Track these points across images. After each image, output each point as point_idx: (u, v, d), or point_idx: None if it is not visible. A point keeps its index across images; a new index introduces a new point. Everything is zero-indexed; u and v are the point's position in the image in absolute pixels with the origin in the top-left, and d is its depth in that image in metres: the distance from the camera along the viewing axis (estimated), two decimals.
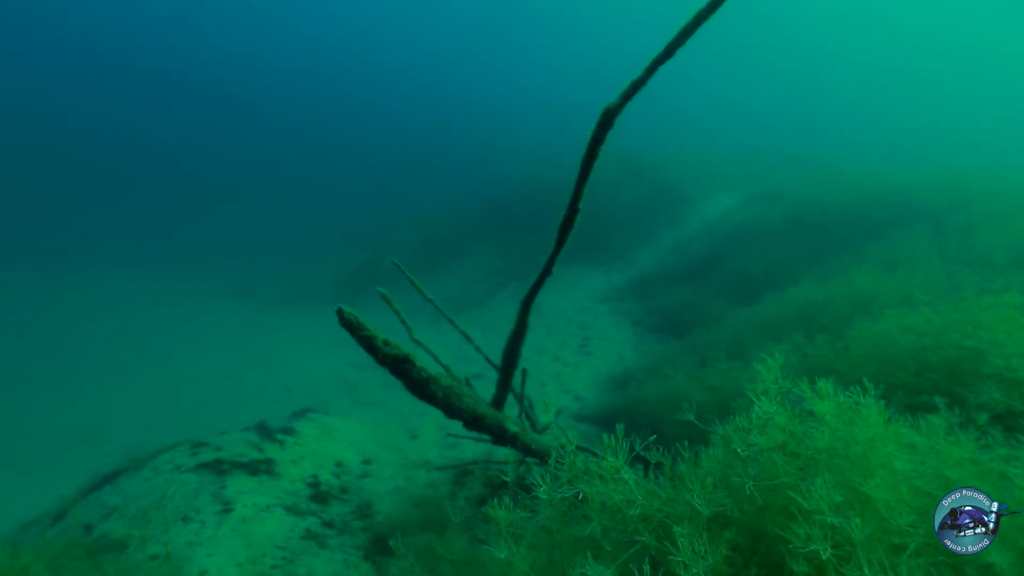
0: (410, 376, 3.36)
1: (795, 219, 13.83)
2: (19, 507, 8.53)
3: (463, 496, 6.44)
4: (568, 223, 2.86)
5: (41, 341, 18.45)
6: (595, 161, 2.55)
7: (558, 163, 24.58)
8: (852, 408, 2.16)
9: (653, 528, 1.93)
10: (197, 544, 4.08)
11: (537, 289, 3.40)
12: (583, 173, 2.62)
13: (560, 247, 3.05)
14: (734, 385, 5.58)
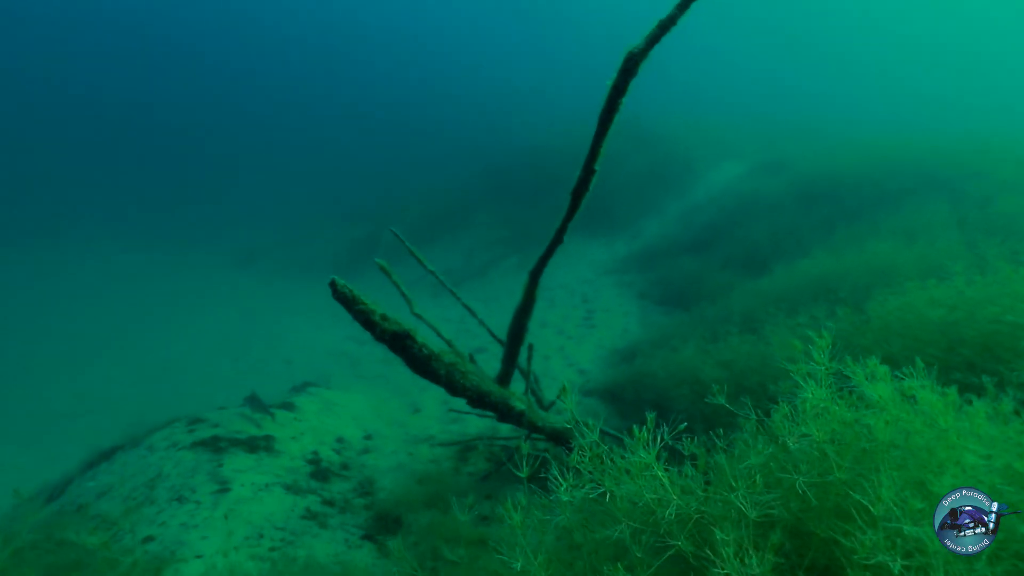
0: (411, 353, 3.14)
1: (804, 188, 13.47)
2: (20, 480, 8.48)
3: (467, 472, 6.31)
4: (583, 186, 2.60)
5: (41, 314, 18.31)
6: (616, 115, 2.27)
7: (562, 131, 24.06)
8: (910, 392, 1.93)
9: (689, 531, 1.73)
10: (192, 527, 3.93)
11: (547, 259, 3.16)
12: (601, 129, 2.34)
13: (573, 212, 2.79)
14: (747, 360, 5.38)
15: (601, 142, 2.44)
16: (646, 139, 22.29)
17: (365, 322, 2.87)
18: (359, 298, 2.81)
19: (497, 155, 25.33)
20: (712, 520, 1.72)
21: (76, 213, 30.33)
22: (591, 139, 2.58)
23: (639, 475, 1.93)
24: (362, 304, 2.82)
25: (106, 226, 28.92)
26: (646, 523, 1.81)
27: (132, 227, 29.08)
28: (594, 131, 2.36)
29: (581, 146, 3.30)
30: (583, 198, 2.70)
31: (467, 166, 25.54)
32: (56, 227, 28.02)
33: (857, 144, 15.52)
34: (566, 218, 2.88)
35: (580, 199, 2.72)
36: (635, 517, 1.84)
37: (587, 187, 2.63)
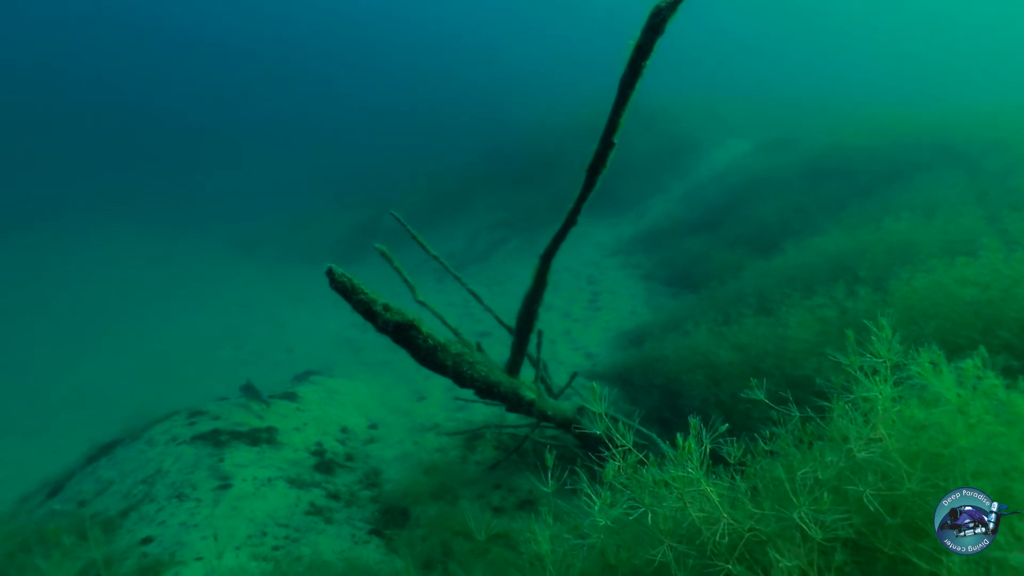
0: (415, 344, 2.95)
1: (814, 165, 13.16)
2: (21, 472, 8.39)
3: (474, 461, 6.17)
4: (600, 161, 2.38)
5: (41, 304, 18.17)
6: (639, 80, 2.04)
7: (565, 112, 23.63)
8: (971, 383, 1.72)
9: (739, 553, 1.54)
10: (192, 526, 3.78)
11: (560, 241, 2.94)
12: (621, 97, 2.12)
13: (589, 191, 2.57)
14: (763, 343, 5.19)
15: (621, 112, 2.21)
16: (649, 117, 21.86)
17: (366, 313, 2.68)
18: (359, 287, 2.60)
19: (498, 137, 24.94)
20: (766, 539, 1.53)
21: (75, 202, 30.07)
22: (608, 112, 2.36)
23: (683, 489, 1.73)
24: (362, 294, 2.61)
25: (105, 214, 28.65)
26: (691, 543, 1.62)
27: (132, 215, 28.82)
28: (613, 101, 2.13)
29: (585, 127, 3.01)
30: (600, 175, 2.48)
31: (468, 149, 25.16)
32: (54, 216, 27.77)
33: (866, 119, 15.14)
34: (580, 197, 2.66)
35: (597, 176, 2.50)
36: (678, 536, 1.65)
37: (604, 163, 2.41)
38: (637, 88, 2.09)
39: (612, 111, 2.23)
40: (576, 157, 11.39)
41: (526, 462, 6.12)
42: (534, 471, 5.69)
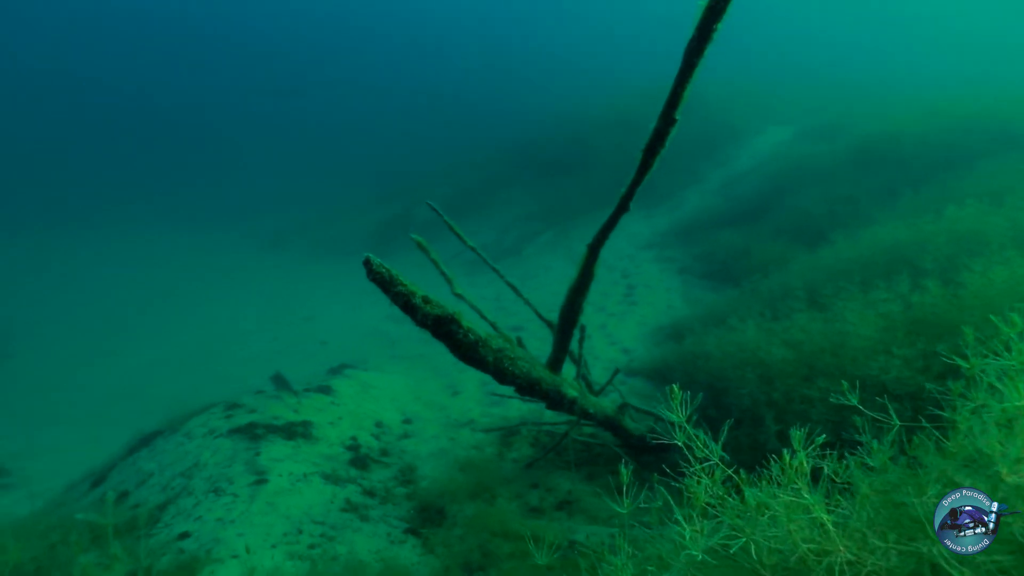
0: (456, 339, 2.79)
1: (862, 152, 12.54)
2: (69, 460, 8.64)
3: (511, 458, 6.02)
4: (659, 140, 2.16)
5: (84, 299, 18.79)
6: (708, 46, 1.82)
7: (600, 102, 23.23)
8: None
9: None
10: (229, 522, 3.74)
11: (609, 230, 2.74)
12: (687, 66, 1.90)
13: (644, 173, 2.36)
14: (819, 340, 4.87)
15: (686, 84, 1.99)
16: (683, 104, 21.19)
17: (404, 305, 2.53)
18: (397, 278, 2.45)
19: (530, 129, 24.67)
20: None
21: (112, 201, 31.07)
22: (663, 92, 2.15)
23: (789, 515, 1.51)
24: (400, 285, 2.46)
25: (142, 212, 29.54)
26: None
27: (167, 212, 29.64)
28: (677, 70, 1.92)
29: (620, 119, 2.74)
30: (658, 155, 2.26)
31: (499, 141, 24.96)
32: (93, 215, 28.74)
33: (919, 104, 14.34)
34: (635, 181, 2.45)
35: (655, 157, 2.28)
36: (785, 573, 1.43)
37: (664, 142, 2.19)
38: (706, 56, 1.87)
39: (675, 83, 2.01)
40: (611, 149, 11.22)
41: (564, 460, 5.96)
42: (572, 470, 5.52)
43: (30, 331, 16.17)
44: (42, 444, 9.98)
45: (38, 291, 19.56)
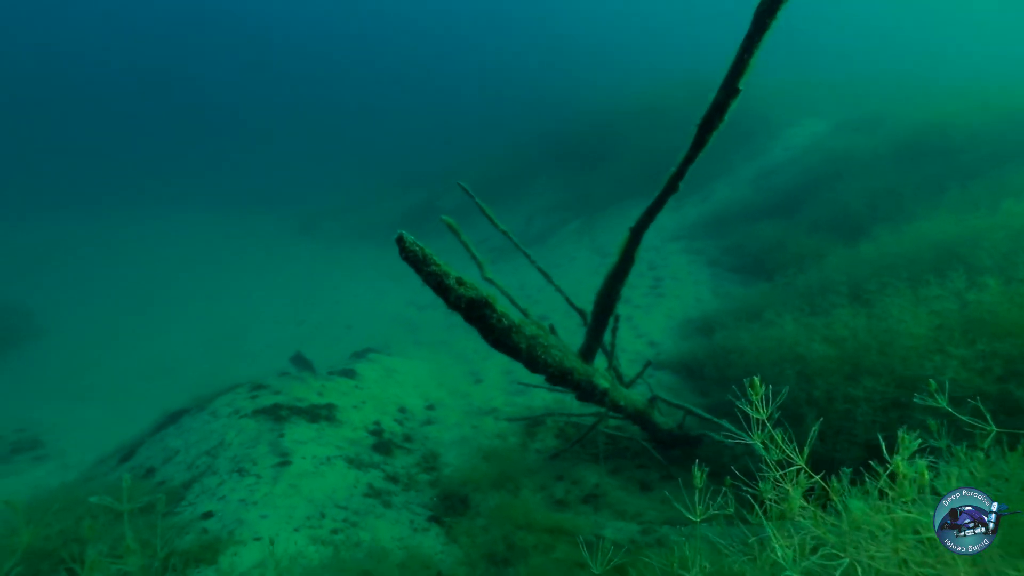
0: (489, 323, 2.67)
1: (905, 145, 12.03)
2: (102, 435, 8.82)
3: (534, 449, 5.91)
4: (718, 113, 1.99)
5: (114, 279, 19.21)
6: (783, 4, 1.64)
7: (630, 93, 22.82)
8: None
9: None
10: (252, 503, 3.70)
11: (655, 212, 2.58)
12: (756, 28, 1.72)
13: (698, 150, 2.18)
14: (864, 337, 4.63)
15: (754, 49, 1.81)
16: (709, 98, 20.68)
17: (437, 286, 2.41)
18: (431, 257, 2.33)
19: (558, 120, 24.38)
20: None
21: (146, 183, 31.66)
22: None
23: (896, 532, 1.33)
24: (434, 265, 2.34)
25: (173, 194, 30.07)
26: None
27: (199, 198, 30.11)
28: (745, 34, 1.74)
29: (652, 109, 2.54)
30: (715, 131, 2.09)
31: (526, 131, 24.71)
32: (128, 198, 29.34)
33: (967, 95, 13.69)
34: (687, 158, 2.28)
35: (711, 132, 2.11)
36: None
37: (723, 115, 2.02)
38: (778, 19, 1.69)
39: (741, 48, 1.84)
40: (641, 139, 10.89)
41: (589, 453, 5.83)
42: (601, 463, 5.38)
43: (64, 309, 16.60)
44: (75, 418, 10.24)
45: (71, 271, 20.07)
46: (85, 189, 29.81)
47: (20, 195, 27.92)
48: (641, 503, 4.79)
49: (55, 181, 31.16)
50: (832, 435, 4.07)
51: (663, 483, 5.08)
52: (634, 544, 3.87)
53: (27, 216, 25.20)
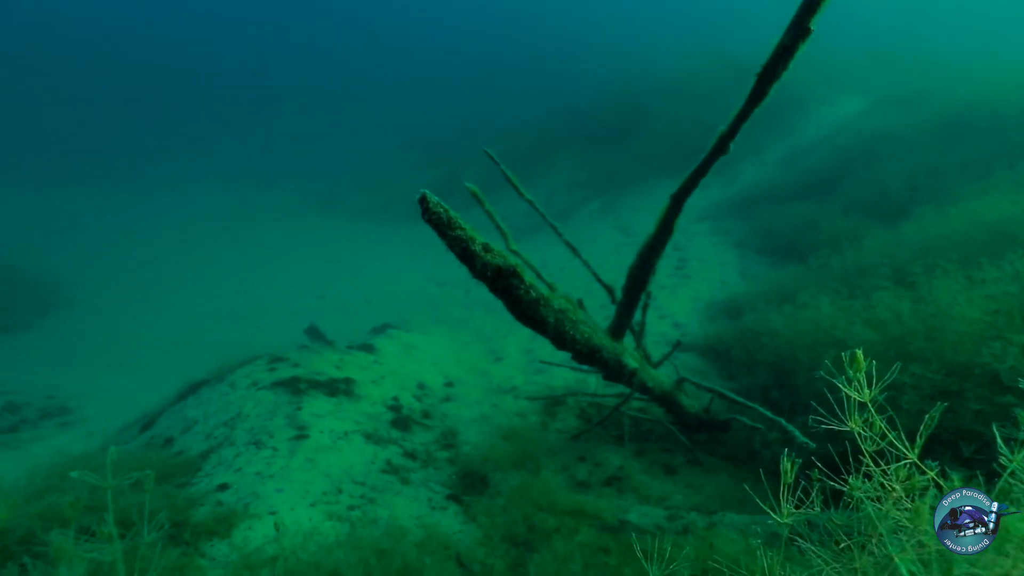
0: (515, 295, 2.49)
1: (949, 123, 11.45)
2: (127, 403, 8.92)
3: (555, 429, 5.78)
4: (782, 59, 1.75)
5: (140, 251, 19.45)
6: None
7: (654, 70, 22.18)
8: None
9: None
10: (268, 476, 3.62)
11: (700, 177, 2.36)
12: None
13: (755, 105, 1.95)
14: (910, 321, 4.35)
15: None
16: (744, 72, 19.95)
17: (462, 253, 2.23)
18: (456, 221, 2.15)
19: (581, 96, 23.81)
20: None
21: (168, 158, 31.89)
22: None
23: None
24: (460, 229, 2.16)
25: (200, 167, 30.28)
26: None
27: (224, 172, 30.28)
28: None
29: (681, 85, 2.28)
30: (776, 81, 1.85)
31: (547, 108, 24.21)
32: (151, 168, 29.61)
33: (1013, 71, 12.93)
34: (741, 114, 2.05)
35: (772, 82, 1.88)
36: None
37: (788, 61, 1.79)
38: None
39: None
40: (668, 116, 10.43)
41: (611, 434, 5.67)
42: (626, 445, 5.22)
43: (92, 280, 16.87)
44: (102, 386, 10.38)
45: (99, 243, 20.37)
46: (111, 163, 30.15)
47: (49, 168, 28.36)
48: (666, 487, 4.63)
49: (83, 154, 31.56)
50: None
51: (689, 468, 4.91)
52: (660, 530, 3.72)
53: (58, 188, 25.61)
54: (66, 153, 31.36)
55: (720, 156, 2.33)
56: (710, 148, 2.33)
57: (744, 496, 4.51)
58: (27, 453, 6.84)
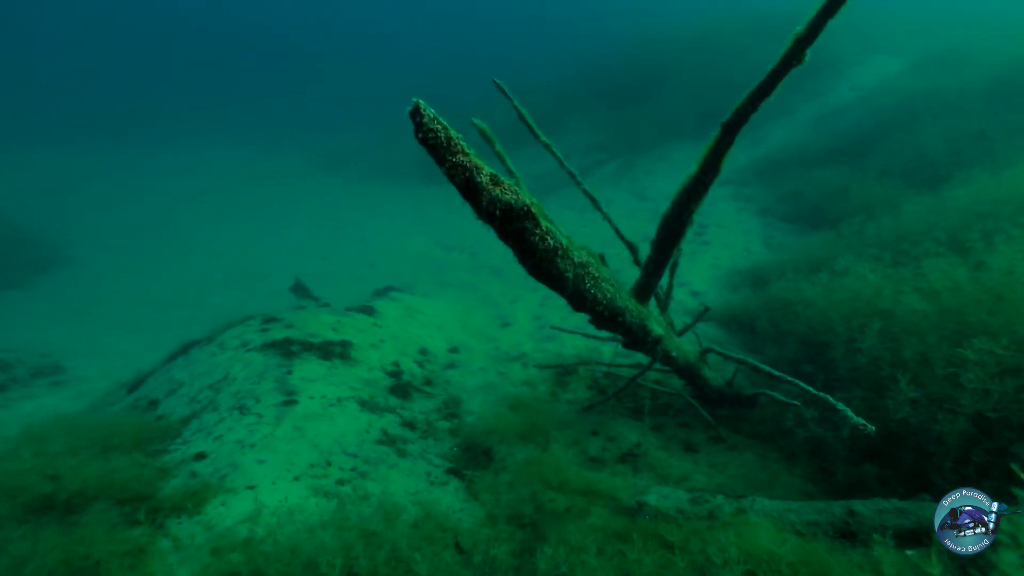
0: (529, 242, 2.04)
1: (994, 84, 10.67)
2: (124, 362, 8.67)
3: (565, 400, 5.40)
4: None
5: (142, 209, 19.09)
6: None
7: (672, 23, 21.13)
8: None
9: None
10: (249, 446, 3.27)
11: (760, 99, 1.87)
12: None
13: None
14: (972, 290, 3.86)
15: None
16: (772, 30, 18.93)
17: (466, 185, 1.78)
18: (458, 143, 1.69)
19: (597, 54, 22.78)
20: None
21: (177, 117, 31.28)
22: None
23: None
24: (462, 154, 1.70)
25: (205, 125, 29.68)
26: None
27: (228, 127, 29.67)
28: None
29: (701, 42, 1.86)
30: None
31: (562, 65, 23.24)
32: (159, 131, 29.05)
33: None
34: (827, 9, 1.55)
35: None
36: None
37: None
38: None
39: None
40: (688, 75, 9.61)
41: (625, 407, 5.29)
42: (645, 419, 4.84)
43: (92, 239, 16.58)
44: (99, 346, 10.14)
45: (100, 201, 20.03)
46: (115, 120, 29.64)
47: (52, 125, 27.89)
48: (685, 466, 4.25)
49: (86, 112, 31.04)
50: (928, 404, 3.40)
51: (710, 445, 4.52)
52: (682, 515, 3.34)
53: (58, 146, 25.20)
54: (75, 109, 30.84)
55: (792, 68, 1.84)
56: (780, 57, 1.83)
57: (772, 478, 4.15)
58: (15, 412, 6.61)
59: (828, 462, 3.74)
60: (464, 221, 10.72)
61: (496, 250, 11.87)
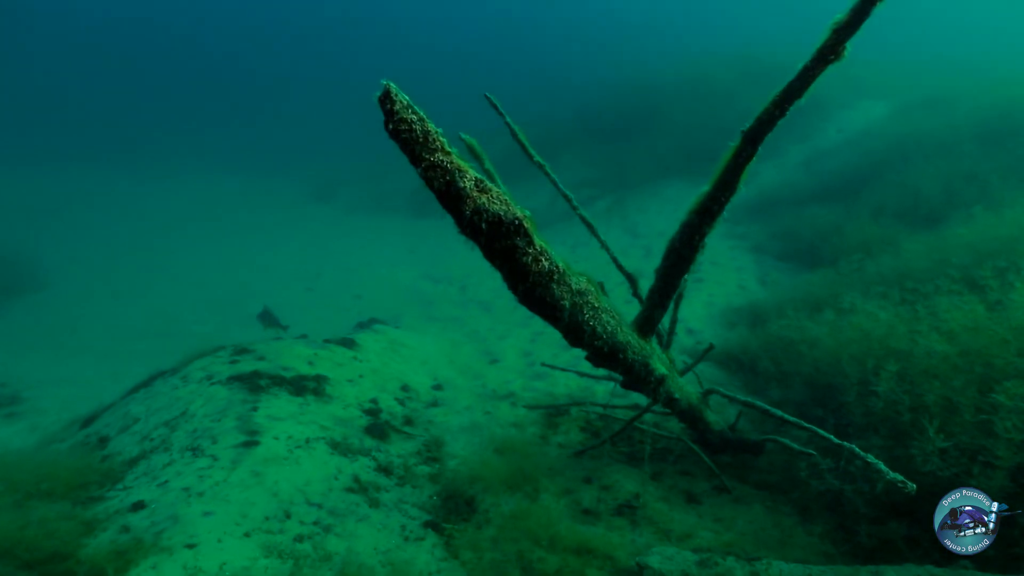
0: (520, 263, 1.73)
1: (984, 126, 10.77)
2: (87, 393, 8.15)
3: (556, 442, 5.00)
4: None
5: (120, 235, 18.63)
6: None
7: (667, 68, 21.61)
8: None
9: None
10: (196, 494, 2.86)
11: (790, 101, 1.61)
12: None
13: None
14: (995, 329, 3.59)
15: None
16: (761, 75, 19.38)
17: (446, 189, 1.48)
18: (436, 139, 1.40)
19: (590, 93, 23.10)
20: None
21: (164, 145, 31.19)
22: None
23: None
24: (441, 152, 1.41)
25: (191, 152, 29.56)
26: None
27: (216, 153, 29.58)
28: None
29: (694, 84, 1.73)
30: None
31: (555, 101, 23.50)
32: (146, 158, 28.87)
33: None
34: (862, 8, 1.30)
35: None
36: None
37: None
38: None
39: None
40: (680, 115, 9.53)
41: (620, 452, 4.91)
42: (645, 466, 4.45)
43: (70, 263, 16.10)
44: (63, 376, 9.58)
45: (81, 225, 19.60)
46: (101, 145, 29.43)
47: (35, 147, 27.62)
48: (689, 520, 3.86)
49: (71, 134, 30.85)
50: (958, 455, 3.08)
51: (714, 496, 4.14)
52: None
53: (41, 168, 24.86)
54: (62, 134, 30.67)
55: (828, 64, 1.59)
56: (814, 51, 1.58)
57: (786, 536, 3.75)
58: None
59: (848, 519, 3.38)
60: (454, 255, 10.38)
61: (486, 284, 11.57)
